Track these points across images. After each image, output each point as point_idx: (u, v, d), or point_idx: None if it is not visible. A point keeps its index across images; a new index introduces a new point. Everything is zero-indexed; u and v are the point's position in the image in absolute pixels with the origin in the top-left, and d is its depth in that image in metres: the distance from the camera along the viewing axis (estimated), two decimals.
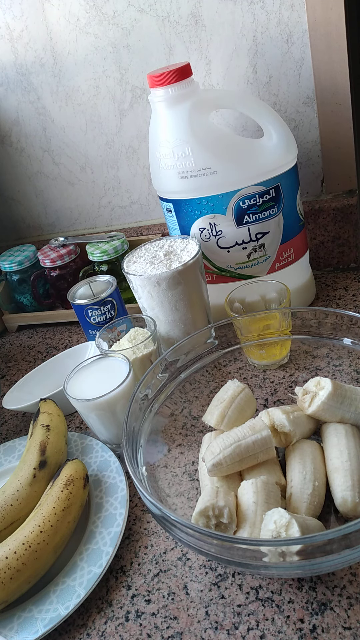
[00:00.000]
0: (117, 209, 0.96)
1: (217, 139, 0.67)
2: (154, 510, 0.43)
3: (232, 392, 0.56)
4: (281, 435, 0.52)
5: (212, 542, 0.40)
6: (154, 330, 0.65)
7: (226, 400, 0.55)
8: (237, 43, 0.74)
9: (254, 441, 0.49)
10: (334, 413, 0.51)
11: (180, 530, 0.42)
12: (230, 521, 0.45)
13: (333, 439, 0.50)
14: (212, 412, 0.56)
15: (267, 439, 0.49)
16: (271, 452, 0.50)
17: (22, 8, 0.81)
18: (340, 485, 0.46)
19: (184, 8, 0.74)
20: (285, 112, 0.78)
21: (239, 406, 0.55)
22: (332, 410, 0.51)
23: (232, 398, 0.56)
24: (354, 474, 0.47)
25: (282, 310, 0.63)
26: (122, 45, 0.80)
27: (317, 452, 0.51)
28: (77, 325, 0.93)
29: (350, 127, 0.75)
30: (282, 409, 0.53)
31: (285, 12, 0.71)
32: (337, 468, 0.48)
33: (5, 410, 0.77)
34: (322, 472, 0.49)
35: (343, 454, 0.48)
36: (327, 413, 0.51)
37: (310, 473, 0.48)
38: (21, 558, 0.48)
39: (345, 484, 0.46)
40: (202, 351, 0.64)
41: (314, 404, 0.52)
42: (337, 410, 0.51)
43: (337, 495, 0.47)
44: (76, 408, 0.59)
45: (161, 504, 0.42)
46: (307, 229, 0.83)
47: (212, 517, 0.45)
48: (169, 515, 0.41)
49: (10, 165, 0.97)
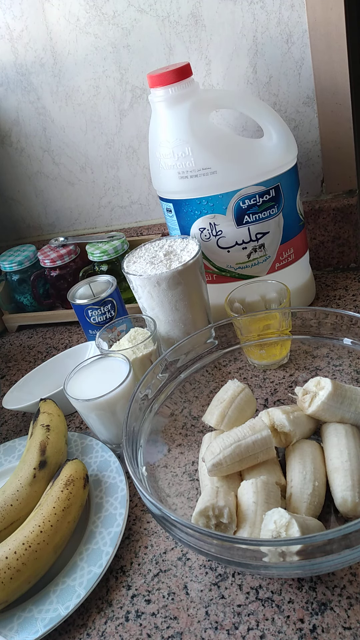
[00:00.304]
0: (117, 209, 0.96)
1: (217, 139, 0.67)
2: (154, 510, 0.43)
3: (232, 392, 0.56)
4: (281, 435, 0.52)
5: (212, 542, 0.40)
6: (154, 330, 0.65)
7: (226, 400, 0.55)
8: (237, 43, 0.74)
9: (254, 441, 0.49)
10: (334, 413, 0.51)
11: (180, 530, 0.42)
12: (230, 521, 0.45)
13: (333, 439, 0.50)
14: (212, 412, 0.56)
15: (267, 439, 0.49)
16: (271, 452, 0.50)
17: (22, 8, 0.81)
18: (340, 485, 0.46)
19: (184, 8, 0.74)
20: (285, 112, 0.78)
21: (239, 406, 0.55)
22: (332, 410, 0.51)
23: (232, 398, 0.56)
24: (354, 474, 0.47)
25: (282, 310, 0.63)
26: (122, 45, 0.80)
27: (317, 452, 0.51)
28: (77, 325, 0.93)
29: (350, 127, 0.75)
30: (282, 409, 0.53)
31: (285, 12, 0.71)
32: (337, 468, 0.48)
33: (5, 410, 0.77)
34: (322, 472, 0.49)
35: (343, 454, 0.48)
36: (327, 413, 0.51)
37: (310, 473, 0.48)
38: (21, 558, 0.48)
39: (345, 484, 0.46)
40: (202, 351, 0.64)
41: (314, 404, 0.52)
42: (337, 410, 0.51)
43: (337, 495, 0.47)
44: (76, 408, 0.59)
45: (161, 504, 0.42)
46: (307, 229, 0.83)
47: (212, 517, 0.45)
48: (169, 515, 0.41)
49: (10, 165, 0.97)
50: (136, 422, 0.54)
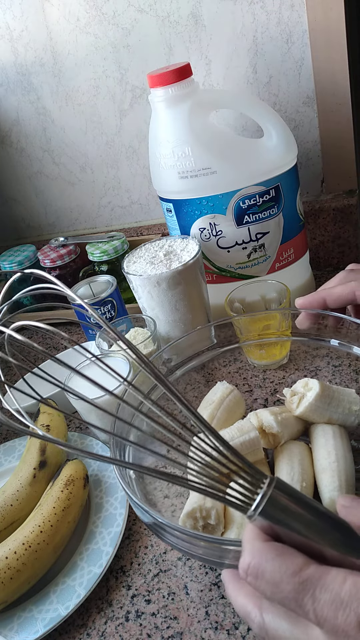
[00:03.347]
0: (117, 209, 0.96)
1: (217, 139, 0.67)
2: (142, 515, 0.42)
3: (221, 394, 0.56)
4: (269, 436, 0.52)
5: (199, 543, 0.40)
6: (154, 330, 0.65)
7: (215, 401, 0.55)
8: (237, 43, 0.74)
9: (242, 442, 0.49)
10: (321, 414, 0.51)
11: (168, 533, 0.41)
12: (217, 522, 0.45)
13: (321, 439, 0.51)
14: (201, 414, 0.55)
15: (255, 440, 0.49)
16: (259, 454, 0.50)
17: (22, 8, 0.81)
18: (327, 486, 0.47)
19: (184, 8, 0.74)
20: (285, 112, 0.78)
21: (227, 407, 0.55)
22: (319, 411, 0.51)
23: (221, 399, 0.56)
24: (342, 474, 0.47)
25: (282, 310, 0.63)
26: (122, 45, 0.80)
27: (305, 453, 0.51)
28: (77, 325, 0.93)
29: (350, 127, 0.75)
30: (271, 410, 0.53)
31: (285, 12, 0.71)
32: (325, 469, 0.48)
33: (6, 410, 0.77)
34: (310, 473, 0.49)
35: (331, 455, 0.48)
36: (314, 414, 0.51)
37: (298, 474, 0.48)
38: (21, 558, 0.48)
39: (333, 484, 0.46)
40: (202, 350, 0.64)
41: (301, 405, 0.52)
42: (325, 411, 0.51)
43: (324, 495, 0.47)
44: (76, 408, 0.59)
45: (150, 507, 0.42)
46: (307, 229, 0.83)
47: (200, 519, 0.45)
48: (157, 518, 0.41)
49: (10, 165, 0.97)
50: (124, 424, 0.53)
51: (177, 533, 0.40)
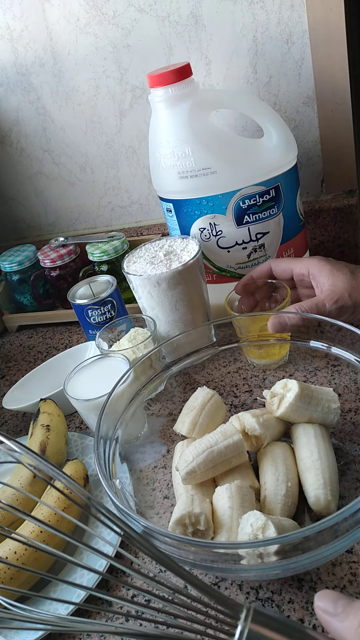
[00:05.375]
0: (117, 209, 0.96)
1: (217, 139, 0.67)
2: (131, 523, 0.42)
3: (202, 400, 0.56)
4: (252, 438, 0.53)
5: (190, 549, 0.40)
6: (154, 330, 0.65)
7: (196, 407, 0.55)
8: (237, 43, 0.74)
9: (226, 446, 0.49)
10: (302, 414, 0.52)
11: (157, 539, 0.41)
12: (207, 527, 0.45)
13: (303, 439, 0.51)
14: (183, 421, 0.55)
15: (238, 443, 0.49)
16: (243, 456, 0.50)
17: (22, 8, 0.81)
18: (312, 484, 0.47)
19: (184, 8, 0.74)
20: (285, 112, 0.78)
21: (209, 413, 0.55)
22: (300, 411, 0.51)
23: (202, 405, 0.56)
24: (325, 472, 0.47)
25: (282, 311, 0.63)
26: (122, 45, 0.80)
27: (288, 453, 0.51)
28: (77, 325, 0.93)
29: (350, 127, 0.75)
30: (252, 413, 0.53)
31: (285, 12, 0.71)
32: (309, 467, 0.48)
33: (5, 410, 0.77)
34: (294, 472, 0.49)
35: (313, 454, 0.49)
36: (295, 414, 0.52)
37: (282, 474, 0.48)
38: (21, 558, 0.48)
39: (317, 483, 0.47)
40: (201, 349, 0.64)
41: (282, 406, 0.52)
42: (305, 410, 0.51)
43: (310, 494, 0.47)
44: (76, 408, 0.59)
45: (139, 516, 0.41)
46: (307, 229, 0.83)
47: (189, 525, 0.45)
48: (147, 525, 0.40)
49: (10, 165, 0.97)
50: (110, 429, 0.52)
51: (168, 540, 0.40)
